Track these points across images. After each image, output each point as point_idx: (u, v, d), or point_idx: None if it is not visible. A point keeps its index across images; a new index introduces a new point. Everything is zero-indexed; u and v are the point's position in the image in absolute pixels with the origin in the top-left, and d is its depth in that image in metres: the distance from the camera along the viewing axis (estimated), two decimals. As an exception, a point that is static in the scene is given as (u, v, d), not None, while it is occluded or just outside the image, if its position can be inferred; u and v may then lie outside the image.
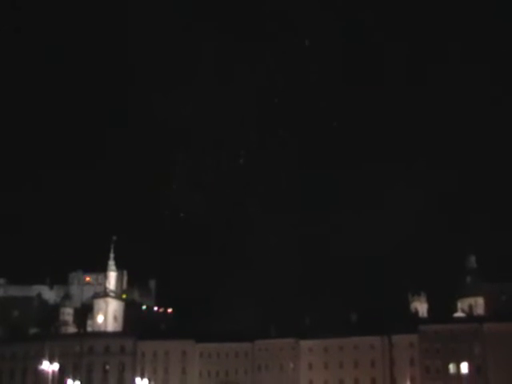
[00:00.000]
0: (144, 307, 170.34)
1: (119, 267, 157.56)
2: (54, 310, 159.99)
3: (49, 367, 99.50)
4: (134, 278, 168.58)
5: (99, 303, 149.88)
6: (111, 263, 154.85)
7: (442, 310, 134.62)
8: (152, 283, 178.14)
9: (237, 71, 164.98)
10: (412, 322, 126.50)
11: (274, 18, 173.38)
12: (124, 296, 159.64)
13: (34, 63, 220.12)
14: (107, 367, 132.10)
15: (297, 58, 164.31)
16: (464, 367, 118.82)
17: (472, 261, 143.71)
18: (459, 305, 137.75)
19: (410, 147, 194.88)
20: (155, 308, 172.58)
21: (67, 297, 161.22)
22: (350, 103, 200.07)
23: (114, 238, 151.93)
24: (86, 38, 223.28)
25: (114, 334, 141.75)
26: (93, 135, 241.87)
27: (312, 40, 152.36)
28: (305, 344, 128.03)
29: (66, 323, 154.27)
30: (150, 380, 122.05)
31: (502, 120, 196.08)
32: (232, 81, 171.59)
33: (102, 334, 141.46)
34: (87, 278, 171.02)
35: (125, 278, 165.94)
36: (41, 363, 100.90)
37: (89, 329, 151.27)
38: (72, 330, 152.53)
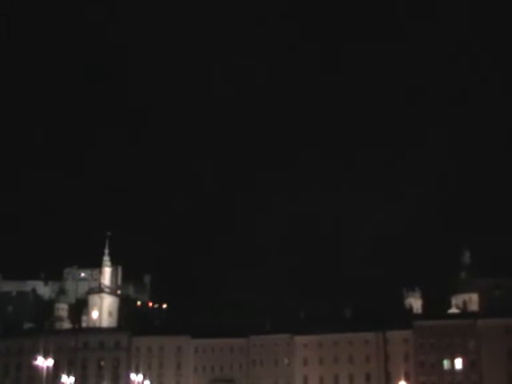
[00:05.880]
0: (139, 303, 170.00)
1: (114, 263, 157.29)
2: (48, 306, 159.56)
3: (43, 362, 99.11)
4: (128, 274, 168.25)
5: (94, 299, 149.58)
6: (106, 259, 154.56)
7: (436, 306, 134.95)
8: (147, 279, 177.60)
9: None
10: (406, 318, 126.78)
11: None
12: (119, 292, 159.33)
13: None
14: (102, 363, 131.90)
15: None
16: (458, 363, 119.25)
17: (466, 257, 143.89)
18: (453, 301, 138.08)
19: (406, 144, 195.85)
20: (150, 303, 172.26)
21: (62, 292, 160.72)
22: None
23: (109, 233, 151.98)
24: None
25: (108, 330, 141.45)
26: (86, 132, 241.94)
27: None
28: (300, 339, 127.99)
29: (60, 319, 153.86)
30: (144, 375, 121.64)
31: (501, 119, 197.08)
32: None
33: (97, 330, 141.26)
34: (82, 274, 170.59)
35: (119, 274, 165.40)
36: (35, 358, 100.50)
37: (83, 324, 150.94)
38: (67, 325, 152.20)
